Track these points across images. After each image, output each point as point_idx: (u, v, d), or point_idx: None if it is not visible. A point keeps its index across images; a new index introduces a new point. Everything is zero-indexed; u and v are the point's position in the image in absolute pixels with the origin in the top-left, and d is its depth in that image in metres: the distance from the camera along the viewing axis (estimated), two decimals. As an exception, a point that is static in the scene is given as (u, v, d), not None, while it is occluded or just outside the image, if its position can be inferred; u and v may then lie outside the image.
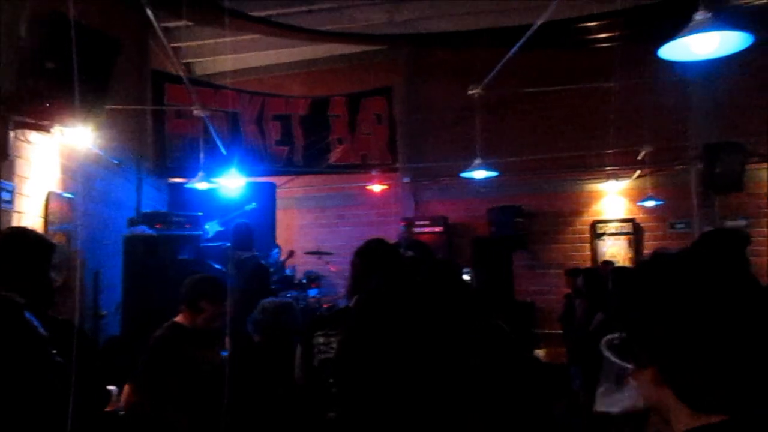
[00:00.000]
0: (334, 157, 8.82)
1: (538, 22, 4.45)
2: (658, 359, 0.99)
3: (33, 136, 4.72)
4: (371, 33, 8.86)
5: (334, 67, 10.30)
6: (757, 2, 6.06)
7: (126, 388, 3.10)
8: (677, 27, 2.88)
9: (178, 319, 3.40)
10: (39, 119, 4.53)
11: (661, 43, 2.96)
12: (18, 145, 4.53)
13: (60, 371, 1.52)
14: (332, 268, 8.95)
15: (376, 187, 9.85)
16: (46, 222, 4.95)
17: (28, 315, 1.49)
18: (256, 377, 2.95)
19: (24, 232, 2.26)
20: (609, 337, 1.49)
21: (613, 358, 1.34)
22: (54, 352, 1.54)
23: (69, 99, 4.26)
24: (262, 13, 7.90)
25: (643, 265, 1.11)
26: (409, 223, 9.35)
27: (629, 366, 1.07)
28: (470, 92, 6.37)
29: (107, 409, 3.00)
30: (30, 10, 4.44)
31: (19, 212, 4.51)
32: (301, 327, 3.31)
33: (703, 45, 2.77)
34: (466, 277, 7.95)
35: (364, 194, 10.12)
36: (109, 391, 2.72)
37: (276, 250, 8.08)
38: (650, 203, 8.81)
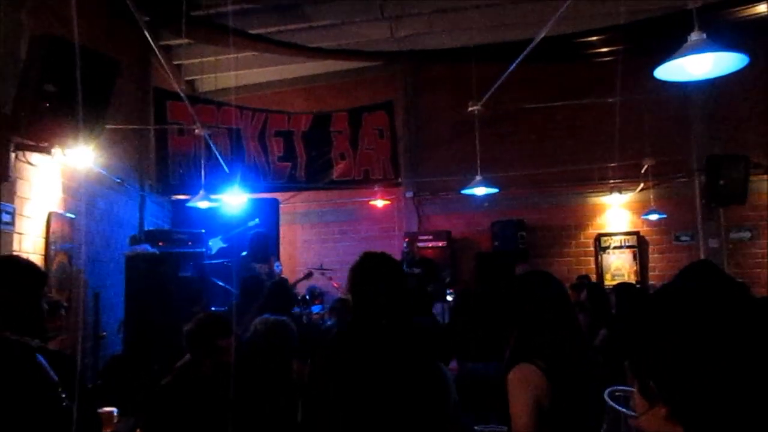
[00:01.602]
0: (336, 172, 8.82)
1: (539, 37, 4.45)
2: (672, 398, 0.96)
3: (34, 157, 4.73)
4: (371, 50, 8.90)
5: (336, 82, 10.33)
6: (752, 15, 6.06)
7: None
8: (678, 41, 2.87)
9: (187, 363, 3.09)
10: (40, 140, 4.55)
11: (661, 56, 2.96)
12: (19, 166, 4.54)
13: (68, 415, 1.50)
14: (335, 284, 8.93)
15: (379, 202, 9.84)
16: (48, 242, 4.95)
17: (39, 358, 1.46)
18: (246, 399, 2.90)
19: (15, 262, 2.25)
20: (612, 389, 1.47)
21: (618, 408, 1.31)
22: (63, 396, 1.51)
23: (69, 120, 4.29)
24: (263, 31, 7.94)
25: (657, 299, 1.08)
26: (412, 239, 9.33)
27: (635, 415, 1.03)
28: (470, 109, 6.37)
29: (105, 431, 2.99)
30: (30, 32, 4.47)
31: (19, 233, 4.52)
32: (298, 346, 3.25)
33: (698, 65, 2.76)
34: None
35: (366, 209, 10.12)
36: (99, 417, 2.67)
37: (277, 265, 8.03)
38: (654, 216, 8.77)
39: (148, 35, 4.70)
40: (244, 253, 6.65)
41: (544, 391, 2.14)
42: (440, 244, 9.52)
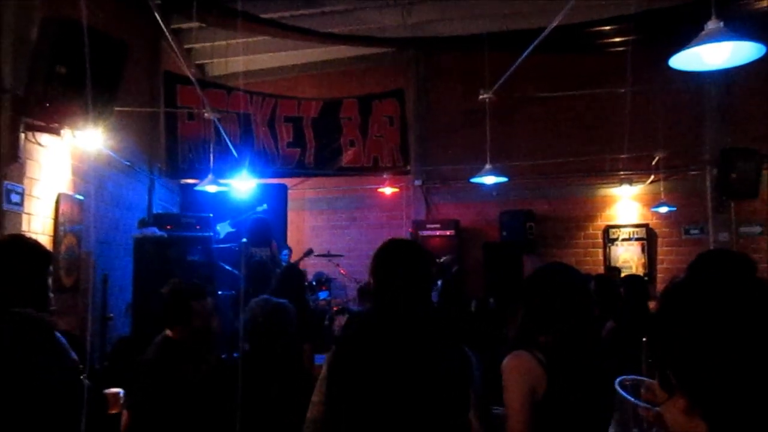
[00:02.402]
0: (345, 159, 8.80)
1: (551, 27, 4.40)
2: (692, 389, 0.95)
3: (44, 138, 4.75)
4: (382, 36, 8.85)
5: (346, 69, 10.29)
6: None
7: (124, 414, 3.04)
8: (690, 32, 2.83)
9: (168, 333, 3.23)
10: (50, 122, 4.56)
11: (675, 47, 2.91)
12: (29, 147, 4.56)
13: (86, 393, 1.49)
14: (342, 271, 8.94)
15: (387, 190, 9.83)
16: (57, 223, 4.98)
17: (58, 336, 1.44)
18: (244, 392, 2.83)
19: (21, 240, 2.25)
20: (622, 378, 1.45)
21: (628, 398, 1.29)
22: (83, 375, 1.50)
23: (79, 102, 4.29)
24: (274, 15, 7.91)
25: (679, 289, 1.06)
26: (419, 228, 9.32)
27: (646, 405, 1.01)
28: (481, 97, 6.32)
29: (111, 412, 3.00)
30: (41, 15, 4.46)
31: (29, 214, 4.55)
32: (299, 331, 3.23)
33: (714, 55, 2.72)
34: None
35: (375, 197, 10.11)
36: (105, 396, 2.69)
37: (286, 251, 8.04)
38: (664, 209, 8.72)
39: (159, 18, 4.68)
40: (244, 240, 6.67)
41: (539, 380, 2.12)
42: (448, 233, 9.50)
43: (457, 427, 2.11)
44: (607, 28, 7.69)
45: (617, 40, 7.98)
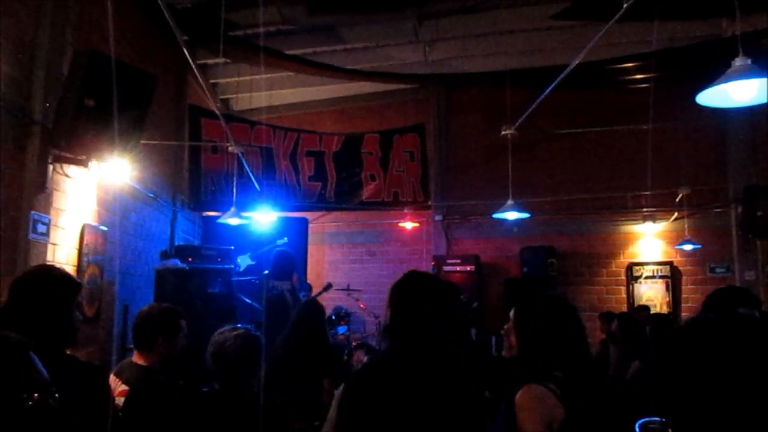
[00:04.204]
0: (366, 193, 8.84)
1: (574, 62, 4.42)
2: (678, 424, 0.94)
3: (71, 169, 4.82)
4: (404, 72, 8.95)
5: (368, 104, 10.41)
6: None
7: None
8: (714, 69, 2.82)
9: (134, 359, 3.18)
10: (77, 153, 4.63)
11: (698, 83, 2.90)
12: (56, 178, 4.62)
13: (52, 415, 1.36)
14: (361, 305, 8.90)
15: (408, 225, 9.82)
16: (80, 254, 5.02)
17: (33, 356, 1.34)
18: None
19: (50, 271, 2.27)
20: (645, 420, 1.42)
21: None
22: (51, 398, 1.36)
23: (107, 134, 4.36)
24: (298, 51, 8.06)
25: (672, 335, 1.05)
26: (440, 263, 9.26)
27: None
28: (503, 133, 6.33)
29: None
30: (73, 48, 4.58)
31: (54, 244, 4.59)
32: (318, 367, 3.12)
33: (741, 91, 2.70)
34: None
35: (395, 231, 10.11)
36: None
37: (304, 293, 7.87)
38: (688, 246, 8.59)
39: (186, 53, 4.78)
40: (266, 272, 6.67)
41: (557, 415, 2.03)
42: (468, 268, 9.43)
43: None
44: (629, 65, 7.72)
45: (639, 77, 8.00)
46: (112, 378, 3.12)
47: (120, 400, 2.99)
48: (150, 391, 2.97)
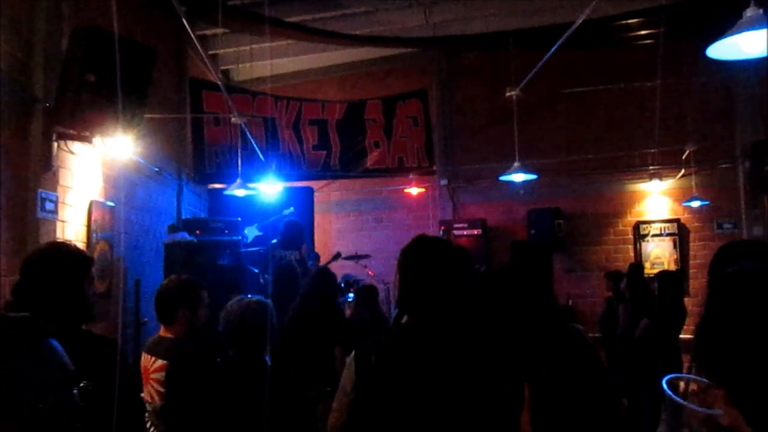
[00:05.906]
0: (370, 161, 8.80)
1: (578, 21, 4.34)
2: (726, 380, 0.95)
3: (75, 146, 4.81)
4: (405, 36, 8.83)
5: (369, 70, 10.31)
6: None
7: None
8: (719, 23, 2.77)
9: (162, 333, 3.29)
10: (81, 130, 4.61)
11: (704, 39, 2.85)
12: (61, 155, 4.62)
13: (76, 413, 1.23)
14: (370, 272, 8.92)
15: (414, 191, 9.80)
16: (89, 230, 5.04)
17: (53, 343, 1.18)
18: (226, 403, 2.60)
19: (62, 247, 2.27)
20: (670, 377, 1.42)
21: (674, 397, 1.27)
22: (76, 391, 1.23)
23: (110, 109, 4.34)
24: (297, 19, 7.95)
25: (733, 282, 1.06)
26: (447, 228, 9.27)
27: (695, 407, 1.02)
28: (508, 94, 6.27)
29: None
30: (71, 24, 4.53)
31: (62, 221, 4.60)
32: (330, 335, 3.12)
33: (753, 43, 2.65)
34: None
35: (401, 197, 10.09)
36: (142, 400, 2.69)
37: (312, 262, 7.86)
38: (696, 203, 8.56)
39: (186, 25, 4.72)
40: (274, 241, 6.69)
41: None
42: (475, 232, 9.44)
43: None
44: (635, 21, 7.59)
45: (645, 33, 7.88)
46: (144, 356, 3.19)
47: (160, 375, 3.07)
48: (188, 362, 3.06)
